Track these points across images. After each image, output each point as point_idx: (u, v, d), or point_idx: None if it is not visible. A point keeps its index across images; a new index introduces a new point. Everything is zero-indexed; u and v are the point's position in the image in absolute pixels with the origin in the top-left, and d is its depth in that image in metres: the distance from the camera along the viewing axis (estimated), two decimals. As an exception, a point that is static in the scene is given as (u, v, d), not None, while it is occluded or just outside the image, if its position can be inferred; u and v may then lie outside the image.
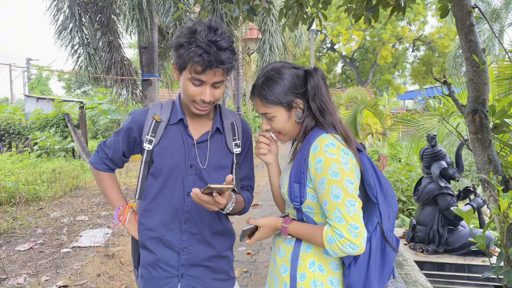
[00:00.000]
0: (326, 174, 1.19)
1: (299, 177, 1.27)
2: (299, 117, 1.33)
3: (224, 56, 1.29)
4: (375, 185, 1.25)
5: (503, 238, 1.92)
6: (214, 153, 1.45)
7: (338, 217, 1.16)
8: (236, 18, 2.87)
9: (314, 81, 1.31)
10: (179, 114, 1.45)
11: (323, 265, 1.27)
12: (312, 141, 1.25)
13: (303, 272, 1.27)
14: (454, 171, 3.72)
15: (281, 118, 1.33)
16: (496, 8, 14.39)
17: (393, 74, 30.80)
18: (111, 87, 8.50)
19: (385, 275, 1.25)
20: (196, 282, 1.45)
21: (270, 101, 1.32)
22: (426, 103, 7.12)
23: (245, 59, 15.46)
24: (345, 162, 1.20)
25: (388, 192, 1.28)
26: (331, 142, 1.22)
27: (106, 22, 7.90)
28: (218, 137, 1.48)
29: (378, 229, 1.24)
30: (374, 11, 2.78)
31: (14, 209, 6.40)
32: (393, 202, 1.29)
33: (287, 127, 1.35)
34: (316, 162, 1.21)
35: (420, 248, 3.73)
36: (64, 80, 36.12)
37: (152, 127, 1.42)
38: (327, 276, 1.26)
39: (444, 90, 2.43)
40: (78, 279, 3.78)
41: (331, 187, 1.17)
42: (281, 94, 1.30)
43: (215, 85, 1.34)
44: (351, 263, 1.23)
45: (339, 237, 1.14)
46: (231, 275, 1.57)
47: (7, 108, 15.35)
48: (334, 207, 1.16)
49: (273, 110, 1.33)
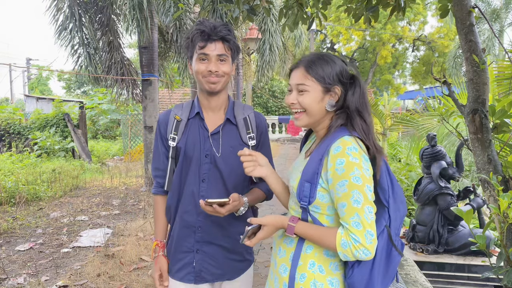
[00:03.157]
0: (348, 177, 1.18)
1: (312, 177, 1.26)
2: (331, 105, 1.31)
3: (221, 30, 1.51)
4: (388, 188, 1.25)
5: (503, 238, 1.92)
6: (228, 144, 1.59)
7: (356, 222, 1.16)
8: (236, 18, 2.87)
9: (361, 84, 1.32)
10: (196, 108, 1.62)
11: (323, 266, 1.26)
12: (333, 141, 1.24)
13: (303, 273, 1.26)
14: (454, 171, 3.72)
15: (314, 96, 1.29)
16: (496, 8, 14.38)
17: (393, 74, 30.79)
18: (111, 87, 8.48)
19: (388, 278, 1.25)
20: (210, 259, 1.61)
21: (314, 73, 1.29)
22: (426, 103, 7.12)
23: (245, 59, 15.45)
24: (366, 169, 1.20)
25: (398, 196, 1.27)
26: (354, 146, 1.21)
27: (106, 22, 7.89)
28: (232, 128, 1.62)
29: (385, 232, 1.23)
30: (374, 11, 2.78)
31: (14, 209, 6.40)
32: (401, 206, 1.28)
33: (315, 109, 1.30)
34: (338, 163, 1.20)
35: (420, 248, 3.72)
36: (64, 80, 36.11)
37: (174, 126, 1.61)
38: (326, 277, 1.26)
39: (444, 90, 2.43)
40: (78, 279, 3.78)
41: (352, 191, 1.17)
42: (327, 73, 1.29)
43: (220, 59, 1.53)
44: (355, 263, 1.22)
45: (354, 242, 1.15)
46: (247, 257, 1.69)
47: (7, 108, 15.36)
48: (354, 212, 1.16)
49: (311, 84, 1.30)
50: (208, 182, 1.58)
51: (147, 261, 4.21)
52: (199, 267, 1.60)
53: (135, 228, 5.32)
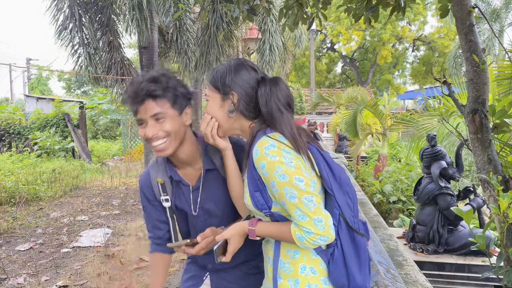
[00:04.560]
0: (273, 177, 1.18)
1: (256, 185, 1.26)
2: (230, 111, 1.32)
3: (145, 87, 1.30)
4: (328, 176, 1.25)
5: (503, 238, 1.93)
6: (215, 190, 1.50)
7: (300, 216, 1.17)
8: (236, 18, 2.87)
9: (265, 89, 1.30)
10: (168, 171, 1.49)
11: (314, 266, 1.26)
12: (254, 145, 1.25)
13: (296, 278, 1.26)
14: (454, 171, 3.72)
15: (213, 104, 1.34)
16: (496, 8, 14.37)
17: (393, 74, 30.80)
18: (111, 87, 8.48)
19: (363, 263, 1.26)
20: (225, 280, 1.58)
21: (211, 83, 1.35)
22: (426, 103, 7.12)
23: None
24: (288, 162, 1.19)
25: (342, 180, 1.27)
26: (271, 143, 1.21)
27: (106, 22, 7.89)
28: (213, 173, 1.49)
29: (342, 220, 1.24)
30: (374, 11, 2.78)
31: (14, 209, 6.40)
32: (348, 189, 1.28)
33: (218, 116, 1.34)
34: (261, 166, 1.21)
35: (420, 248, 3.73)
36: (64, 80, 36.12)
37: (161, 189, 1.49)
38: (320, 277, 1.26)
39: (444, 90, 2.43)
40: (78, 279, 3.78)
41: (283, 189, 1.18)
42: (221, 80, 1.32)
43: (156, 119, 1.32)
44: (329, 261, 1.24)
45: (308, 234, 1.16)
46: (263, 269, 1.61)
47: (7, 108, 15.36)
48: (294, 207, 1.17)
49: (210, 93, 1.36)
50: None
51: (147, 261, 4.21)
52: (215, 285, 1.59)
53: (135, 228, 5.32)
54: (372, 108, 8.48)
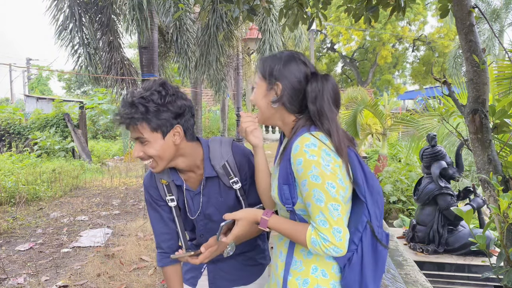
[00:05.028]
0: (306, 176, 1.17)
1: (287, 178, 1.25)
2: (273, 101, 1.31)
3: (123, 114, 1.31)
4: (363, 183, 1.24)
5: (503, 238, 1.93)
6: (216, 195, 1.52)
7: (322, 221, 1.16)
8: (236, 18, 2.87)
9: (317, 85, 1.27)
10: (171, 176, 1.51)
11: (326, 270, 1.26)
12: (295, 140, 1.23)
13: (305, 278, 1.25)
14: (454, 171, 3.72)
15: (259, 92, 1.35)
16: (496, 8, 14.37)
17: (393, 74, 30.79)
18: (111, 87, 8.48)
19: (379, 273, 1.25)
20: (222, 271, 1.62)
21: (259, 70, 1.35)
22: (426, 103, 7.12)
23: (245, 59, 15.45)
24: (326, 165, 1.16)
25: (374, 189, 1.26)
26: (312, 142, 1.19)
27: (106, 22, 7.89)
28: (214, 180, 1.51)
29: (368, 228, 1.23)
30: (374, 11, 2.78)
31: (14, 209, 6.40)
32: (379, 198, 1.27)
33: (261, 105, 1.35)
34: (297, 163, 1.19)
35: (420, 248, 3.73)
36: (64, 80, 36.12)
37: (166, 190, 1.52)
38: (330, 280, 1.25)
39: (444, 90, 2.43)
40: (78, 279, 3.78)
41: (313, 190, 1.16)
42: (269, 69, 1.31)
43: (140, 141, 1.36)
44: (346, 265, 1.22)
45: (323, 240, 1.15)
46: (260, 261, 1.66)
47: (7, 108, 15.36)
48: (318, 210, 1.16)
49: (257, 81, 1.36)
50: (206, 235, 1.54)
51: (147, 261, 4.21)
52: (213, 275, 1.62)
53: (135, 228, 5.32)
54: (372, 108, 8.48)
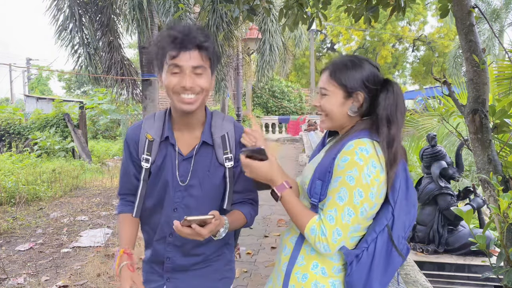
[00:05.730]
0: (343, 174, 1.17)
1: (324, 175, 1.24)
2: (353, 111, 1.28)
3: (196, 35, 1.27)
4: (399, 189, 1.22)
5: (503, 238, 1.93)
6: (204, 168, 1.40)
7: (331, 216, 1.16)
8: (236, 18, 2.87)
9: (395, 90, 1.25)
10: (166, 131, 1.40)
11: (326, 268, 1.26)
12: (350, 141, 1.22)
13: (305, 273, 1.26)
14: (454, 171, 3.72)
15: (334, 100, 1.29)
16: (496, 8, 14.38)
17: (393, 74, 30.79)
18: (111, 87, 8.49)
19: (387, 278, 1.24)
20: (184, 283, 1.45)
21: (336, 78, 1.28)
22: (426, 103, 7.12)
23: (245, 59, 15.47)
24: (367, 174, 1.16)
25: (412, 200, 1.26)
26: (366, 148, 1.18)
27: (106, 22, 7.90)
28: (208, 150, 1.41)
29: (386, 231, 1.22)
30: (374, 11, 2.78)
31: (14, 209, 6.40)
32: (412, 210, 1.26)
33: (336, 113, 1.30)
34: (342, 160, 1.19)
35: (420, 248, 3.72)
36: (64, 80, 36.11)
37: (146, 146, 1.39)
38: (328, 278, 1.25)
39: (444, 90, 2.43)
40: (78, 279, 3.78)
41: (341, 188, 1.17)
42: (350, 78, 1.27)
43: (195, 72, 1.28)
44: (353, 261, 1.21)
45: (320, 233, 1.16)
46: (226, 275, 1.51)
47: (7, 108, 15.35)
48: (333, 206, 1.17)
49: (332, 88, 1.29)
50: (180, 211, 1.39)
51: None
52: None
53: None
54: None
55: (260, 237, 4.89)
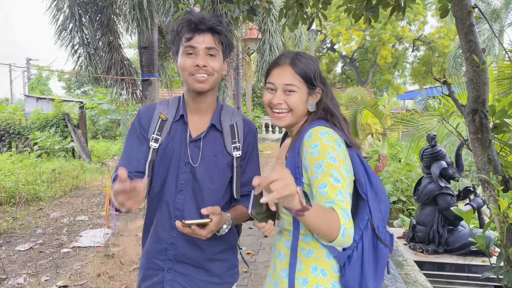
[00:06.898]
0: (324, 158, 1.17)
1: (295, 172, 1.25)
2: (312, 106, 1.34)
3: (210, 20, 1.36)
4: (365, 181, 1.25)
5: (503, 238, 1.93)
6: (210, 152, 1.42)
7: (341, 199, 1.11)
8: (236, 18, 2.87)
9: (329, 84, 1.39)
10: (181, 110, 1.46)
11: (326, 269, 1.25)
12: (306, 132, 1.26)
13: (305, 277, 1.24)
14: (454, 171, 3.72)
15: (301, 96, 1.31)
16: (496, 8, 14.38)
17: (393, 74, 30.78)
18: (111, 87, 8.49)
19: (379, 272, 1.25)
20: (182, 279, 1.43)
21: (302, 73, 1.30)
22: (426, 103, 7.12)
23: (245, 59, 15.48)
24: (339, 151, 1.21)
25: (379, 188, 1.27)
26: (325, 131, 1.24)
27: (106, 22, 7.89)
28: (216, 135, 1.45)
29: (369, 226, 1.23)
30: (374, 11, 2.78)
31: (14, 209, 6.40)
32: (384, 198, 1.28)
33: (300, 110, 1.33)
34: (312, 147, 1.21)
35: (420, 248, 3.73)
36: (64, 80, 36.10)
37: (158, 126, 1.43)
38: (330, 280, 1.25)
39: (444, 90, 2.43)
40: (78, 279, 3.78)
41: (331, 170, 1.15)
42: (314, 73, 1.32)
43: (209, 53, 1.37)
44: (346, 263, 1.22)
45: (346, 217, 1.07)
46: (227, 279, 1.50)
47: (7, 108, 15.35)
48: (336, 189, 1.13)
49: (299, 84, 1.31)
50: (185, 194, 1.40)
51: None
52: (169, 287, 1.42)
53: (135, 228, 5.32)
54: (372, 108, 8.48)
55: (260, 237, 4.90)
